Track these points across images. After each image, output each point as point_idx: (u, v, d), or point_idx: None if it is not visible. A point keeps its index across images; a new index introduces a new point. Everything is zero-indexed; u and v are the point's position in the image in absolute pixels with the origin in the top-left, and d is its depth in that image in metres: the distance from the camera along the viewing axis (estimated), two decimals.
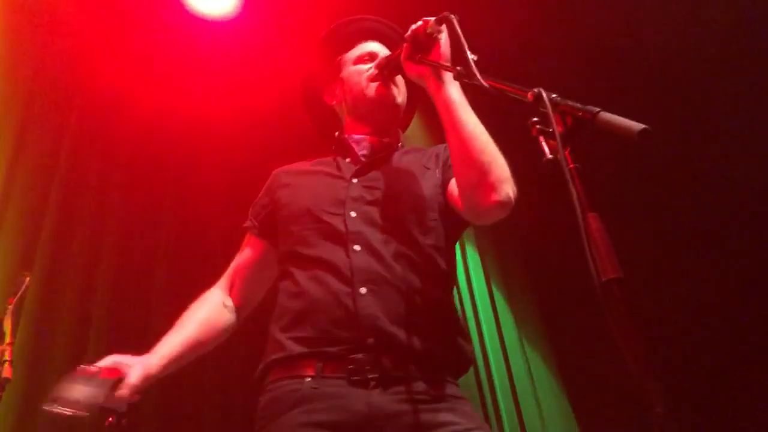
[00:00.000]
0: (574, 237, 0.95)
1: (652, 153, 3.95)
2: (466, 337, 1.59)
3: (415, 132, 3.70)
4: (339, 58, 1.92)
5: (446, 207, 1.65)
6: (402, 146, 1.84)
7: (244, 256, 1.81)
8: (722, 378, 4.17)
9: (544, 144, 1.05)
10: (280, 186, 1.78)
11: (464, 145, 1.50)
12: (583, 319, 3.85)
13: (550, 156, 1.03)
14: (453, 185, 1.63)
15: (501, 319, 4.16)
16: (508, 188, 1.48)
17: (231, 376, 3.24)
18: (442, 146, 1.77)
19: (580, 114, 1.02)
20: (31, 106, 3.25)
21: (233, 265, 1.82)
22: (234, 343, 1.81)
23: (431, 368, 1.45)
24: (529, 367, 4.11)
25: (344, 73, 1.88)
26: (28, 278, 2.39)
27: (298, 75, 2.05)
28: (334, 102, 1.92)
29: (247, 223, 1.82)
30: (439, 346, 1.50)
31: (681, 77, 4.00)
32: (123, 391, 1.44)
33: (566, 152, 1.01)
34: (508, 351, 4.04)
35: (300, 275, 1.55)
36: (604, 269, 0.89)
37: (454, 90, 1.55)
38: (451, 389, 1.48)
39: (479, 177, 1.48)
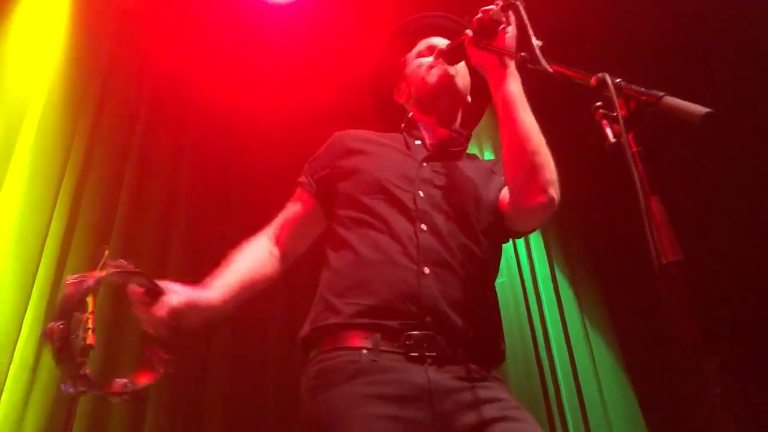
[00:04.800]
0: (636, 221, 0.96)
1: (720, 137, 3.83)
2: (503, 334, 1.63)
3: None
4: (403, 57, 1.96)
5: (499, 212, 1.67)
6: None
7: (293, 210, 1.80)
8: None
9: (607, 128, 1.06)
10: (345, 151, 1.76)
11: (519, 143, 1.52)
12: (645, 304, 3.79)
13: (614, 140, 1.04)
14: (505, 190, 1.66)
15: (564, 304, 4.13)
16: (554, 191, 1.51)
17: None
18: None
19: (644, 98, 1.03)
20: (107, 88, 3.41)
21: (282, 217, 1.81)
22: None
23: (477, 354, 1.48)
24: (592, 352, 4.07)
25: (408, 69, 1.92)
26: (107, 251, 2.54)
27: (365, 74, 2.09)
28: (403, 100, 1.95)
29: (302, 179, 1.81)
30: (485, 336, 1.54)
31: (747, 59, 3.83)
32: (161, 310, 1.43)
33: (629, 136, 1.02)
34: (570, 336, 4.01)
35: (362, 244, 1.55)
36: (665, 252, 0.90)
37: (515, 85, 1.55)
38: (493, 373, 1.52)
39: (529, 176, 1.51)
